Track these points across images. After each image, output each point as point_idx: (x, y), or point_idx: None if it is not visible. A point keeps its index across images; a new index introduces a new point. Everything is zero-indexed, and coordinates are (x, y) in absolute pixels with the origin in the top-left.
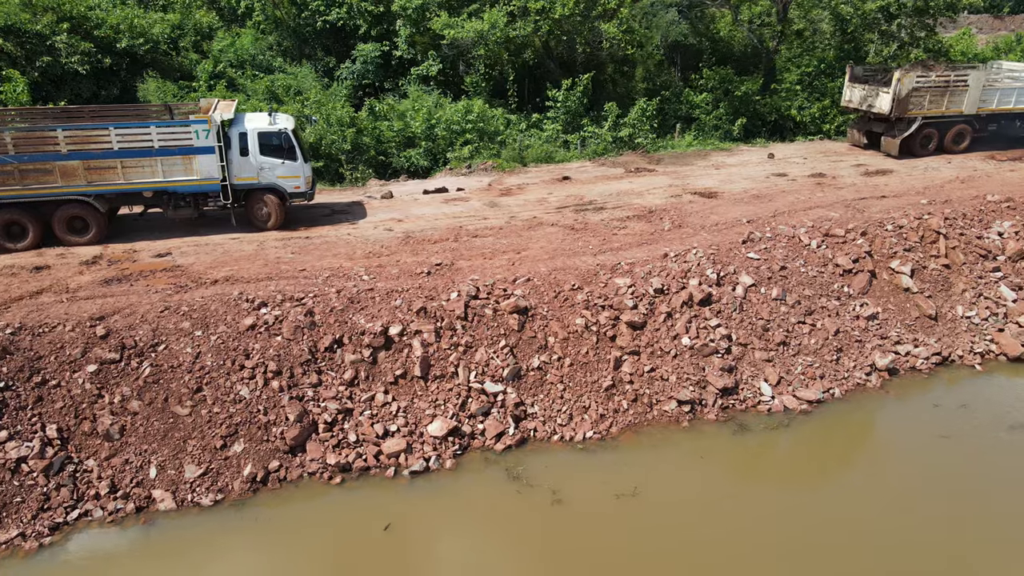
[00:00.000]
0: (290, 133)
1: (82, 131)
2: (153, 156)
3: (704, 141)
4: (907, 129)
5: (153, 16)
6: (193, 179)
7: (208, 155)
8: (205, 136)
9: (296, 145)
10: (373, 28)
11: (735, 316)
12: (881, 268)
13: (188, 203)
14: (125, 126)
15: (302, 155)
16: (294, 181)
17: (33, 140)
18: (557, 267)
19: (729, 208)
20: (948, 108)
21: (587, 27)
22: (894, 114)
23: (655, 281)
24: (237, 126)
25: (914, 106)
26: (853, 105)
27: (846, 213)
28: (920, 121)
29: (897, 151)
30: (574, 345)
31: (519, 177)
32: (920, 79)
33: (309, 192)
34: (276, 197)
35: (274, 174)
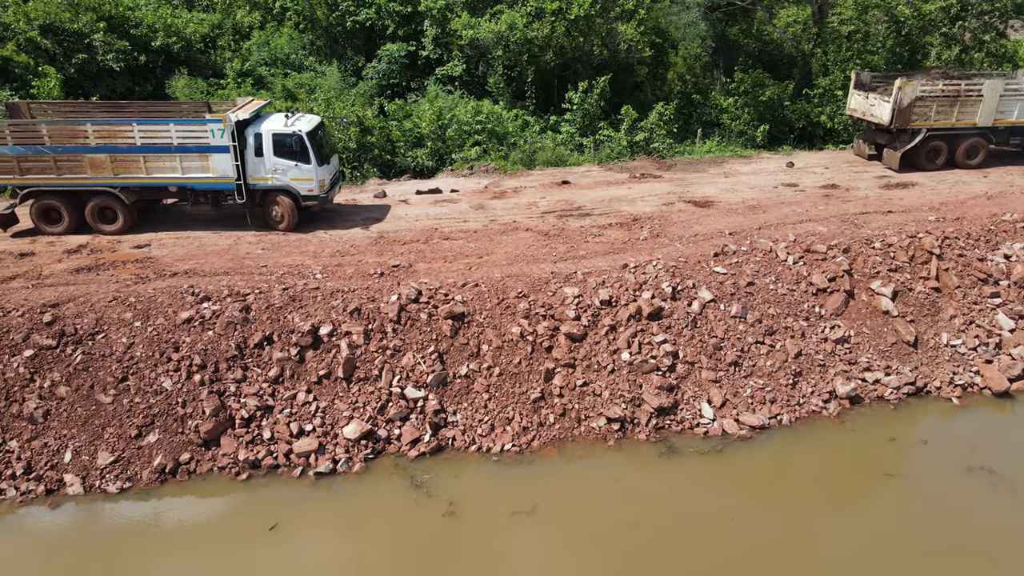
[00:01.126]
0: (304, 136)
1: (108, 126)
2: (172, 153)
3: (725, 147)
4: (910, 141)
5: (186, 15)
6: (209, 176)
7: (223, 154)
8: (220, 135)
9: (310, 148)
10: (401, 28)
11: (685, 332)
12: (860, 288)
13: (207, 200)
14: (146, 122)
15: (317, 158)
16: (307, 184)
17: (66, 133)
18: (511, 273)
19: (718, 218)
20: (959, 120)
21: (605, 28)
22: (895, 125)
23: (604, 292)
24: (254, 126)
25: (918, 117)
26: (856, 114)
27: (838, 228)
28: (925, 133)
29: (897, 164)
30: (507, 354)
31: (519, 180)
32: (925, 88)
33: (323, 196)
34: (289, 199)
35: (287, 176)
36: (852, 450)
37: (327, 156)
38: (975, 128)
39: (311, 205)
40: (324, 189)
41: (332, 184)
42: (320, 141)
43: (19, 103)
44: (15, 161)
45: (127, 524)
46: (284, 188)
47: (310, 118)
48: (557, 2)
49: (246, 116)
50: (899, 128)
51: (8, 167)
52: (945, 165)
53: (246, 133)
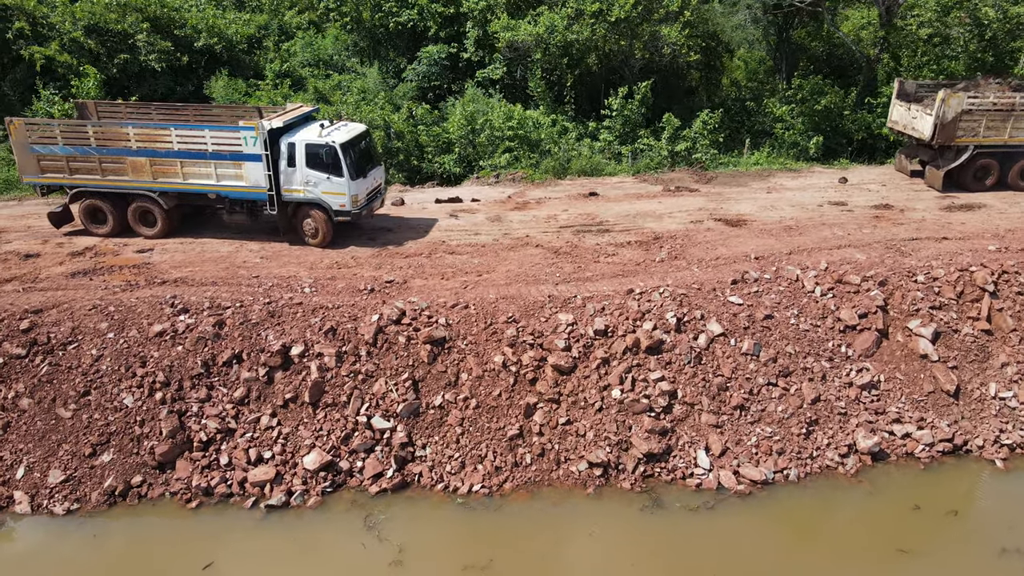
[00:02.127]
0: (337, 147)
1: (148, 130)
2: (207, 159)
3: (775, 159)
4: (955, 159)
5: (231, 16)
6: (242, 185)
7: (256, 162)
8: (253, 143)
9: (343, 161)
10: (443, 29)
11: (687, 370)
12: (896, 327)
13: (242, 209)
14: (183, 127)
15: (351, 171)
16: (339, 199)
17: (110, 135)
18: (507, 295)
19: (747, 240)
20: (1013, 136)
21: (647, 31)
22: (937, 141)
23: (600, 321)
24: (289, 135)
25: (965, 132)
26: (898, 127)
27: (879, 256)
28: (972, 150)
29: (940, 184)
30: (487, 385)
31: (545, 190)
32: (973, 100)
33: (356, 211)
34: (324, 213)
35: (319, 189)
36: (866, 516)
37: (366, 169)
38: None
39: (344, 220)
40: (358, 204)
41: (371, 198)
42: (359, 153)
43: (87, 103)
44: (65, 161)
45: (55, 551)
46: (316, 202)
47: (351, 128)
48: (597, 3)
49: (280, 124)
50: (942, 144)
51: (59, 166)
52: (996, 186)
53: (280, 141)
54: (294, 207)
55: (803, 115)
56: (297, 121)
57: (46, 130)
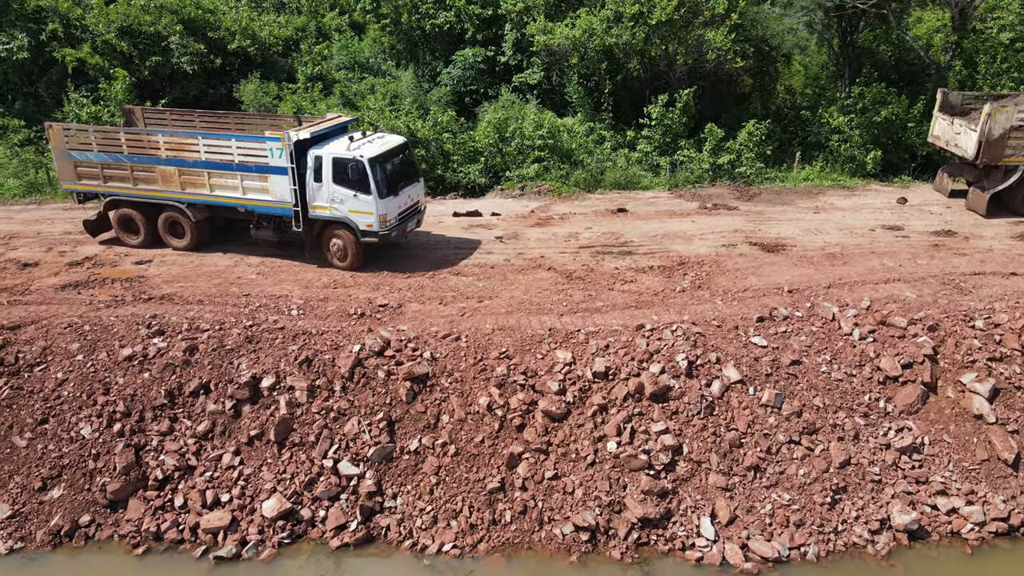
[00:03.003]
0: (366, 162)
1: (177, 138)
2: (234, 171)
3: (828, 175)
4: (1002, 181)
5: (265, 18)
6: (268, 200)
7: (282, 176)
8: (279, 155)
9: (371, 177)
10: (480, 32)
11: (695, 422)
12: (946, 381)
13: (269, 224)
14: (210, 136)
15: (380, 189)
16: (365, 218)
17: (141, 143)
18: (505, 325)
19: (782, 269)
20: None
21: (692, 35)
22: (982, 160)
23: (600, 361)
24: (317, 147)
25: (1015, 150)
26: (940, 143)
27: (933, 294)
28: (1022, 172)
29: (984, 209)
30: (469, 430)
31: (571, 205)
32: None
33: (384, 232)
34: (352, 233)
35: (345, 207)
36: None
37: (399, 186)
38: None
39: (370, 242)
40: (387, 224)
41: (405, 218)
42: (392, 168)
43: (133, 109)
44: (100, 168)
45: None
46: (343, 220)
47: (385, 141)
48: (637, 5)
49: (307, 135)
50: (987, 164)
51: (93, 173)
52: None
53: (308, 154)
54: (321, 225)
55: (861, 127)
56: (331, 132)
57: (82, 136)
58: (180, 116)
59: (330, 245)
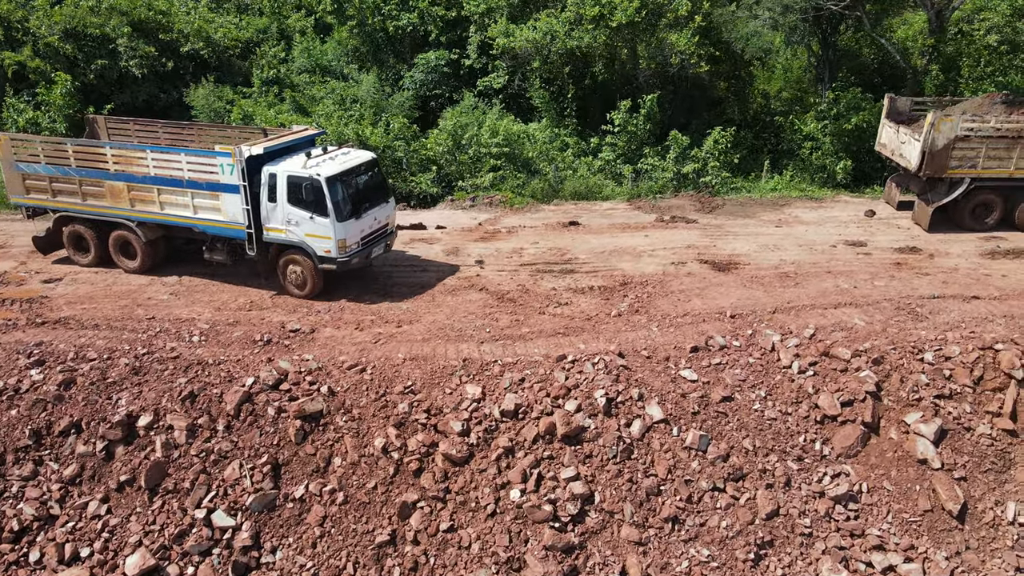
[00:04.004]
0: (323, 182)
1: (124, 151)
2: (184, 188)
3: (797, 185)
4: (947, 194)
5: (221, 20)
6: (220, 220)
7: (233, 194)
8: (230, 172)
9: (328, 198)
10: (444, 34)
11: (610, 467)
12: (890, 421)
13: (223, 247)
14: (159, 150)
15: (339, 211)
16: (323, 243)
17: (89, 155)
18: (419, 354)
19: (729, 290)
20: (1019, 168)
21: (655, 39)
22: (925, 172)
23: (512, 398)
24: (273, 164)
25: (960, 162)
26: (886, 152)
27: (884, 321)
28: (969, 183)
29: (927, 223)
30: (361, 475)
31: (522, 217)
32: (970, 124)
33: (344, 259)
34: (310, 259)
35: (302, 230)
36: None
37: (363, 208)
38: None
39: (329, 269)
40: (347, 250)
41: (369, 243)
42: (355, 188)
43: (96, 118)
44: (48, 181)
45: None
46: (299, 245)
47: (349, 157)
48: (597, 7)
49: (260, 150)
50: (931, 176)
51: (42, 187)
52: (998, 226)
53: (263, 171)
54: (277, 250)
55: (832, 134)
56: (294, 146)
57: (30, 146)
58: (144, 127)
59: (287, 271)
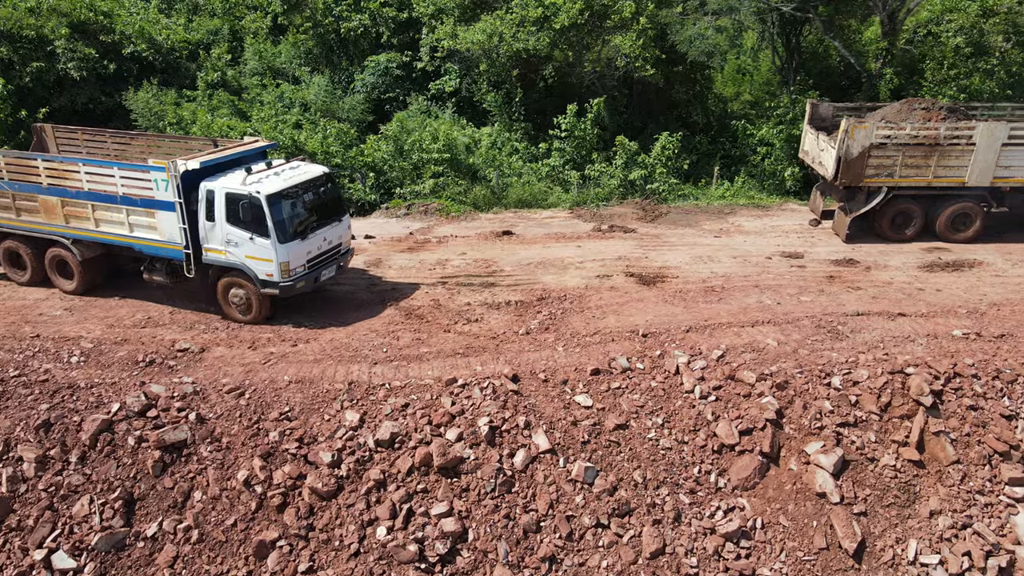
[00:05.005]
0: (263, 200)
1: (56, 164)
2: (119, 204)
3: (746, 192)
4: (866, 203)
5: (165, 21)
6: (157, 239)
7: (169, 212)
8: (164, 188)
9: (269, 217)
10: (396, 36)
11: (487, 502)
12: (790, 451)
13: (162, 267)
14: (92, 163)
15: (281, 232)
16: (264, 266)
17: (22, 168)
18: (306, 376)
19: (649, 307)
20: (937, 176)
21: (600, 41)
22: (841, 180)
23: (389, 425)
24: (211, 180)
25: (877, 171)
26: (808, 160)
27: (800, 340)
28: (886, 193)
29: (844, 233)
30: (221, 510)
31: (457, 226)
32: (885, 132)
33: (287, 284)
34: (253, 282)
35: (242, 252)
36: None
37: (309, 228)
38: (964, 188)
39: (271, 294)
40: (291, 274)
41: (319, 265)
42: (302, 206)
43: (44, 127)
44: None
45: None
46: (240, 267)
47: (296, 172)
48: (541, 9)
49: (197, 165)
50: (848, 185)
51: None
52: (920, 235)
53: (201, 187)
54: (217, 272)
55: (783, 139)
56: (240, 159)
57: None
58: (92, 137)
59: (229, 295)
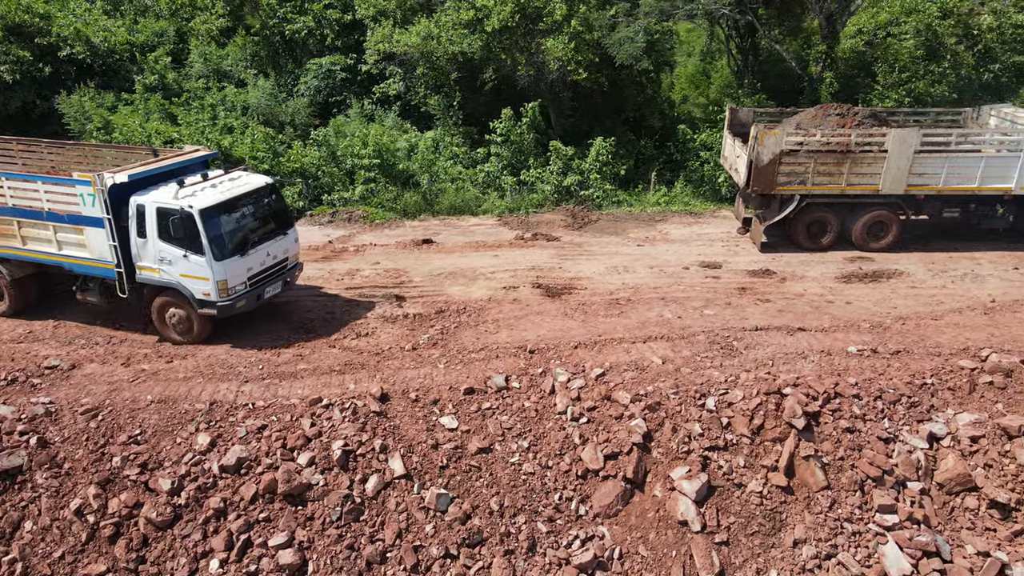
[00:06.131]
0: (195, 214)
1: None
2: (45, 220)
3: (683, 198)
4: (780, 211)
5: (103, 23)
6: (87, 257)
7: (98, 228)
8: (91, 203)
9: (203, 233)
10: (340, 39)
11: (332, 531)
12: (656, 476)
13: (95, 286)
14: (14, 177)
15: (217, 248)
16: (200, 284)
17: None
18: (171, 395)
19: (547, 320)
20: (851, 184)
21: (533, 44)
22: (753, 188)
23: (237, 450)
24: (142, 193)
25: (789, 178)
26: (727, 166)
27: (690, 357)
28: (799, 201)
29: (760, 242)
30: (51, 541)
31: (379, 234)
32: (795, 137)
33: (226, 303)
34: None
35: (176, 270)
36: None
37: (251, 243)
38: (879, 196)
39: (209, 314)
40: (230, 293)
41: (262, 282)
42: (240, 220)
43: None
44: None
45: None
46: (175, 287)
47: (235, 184)
48: (473, 11)
49: (125, 178)
50: (760, 193)
51: None
52: (835, 244)
53: (131, 201)
54: (153, 291)
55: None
56: (178, 170)
57: None
58: (27, 147)
59: (166, 316)
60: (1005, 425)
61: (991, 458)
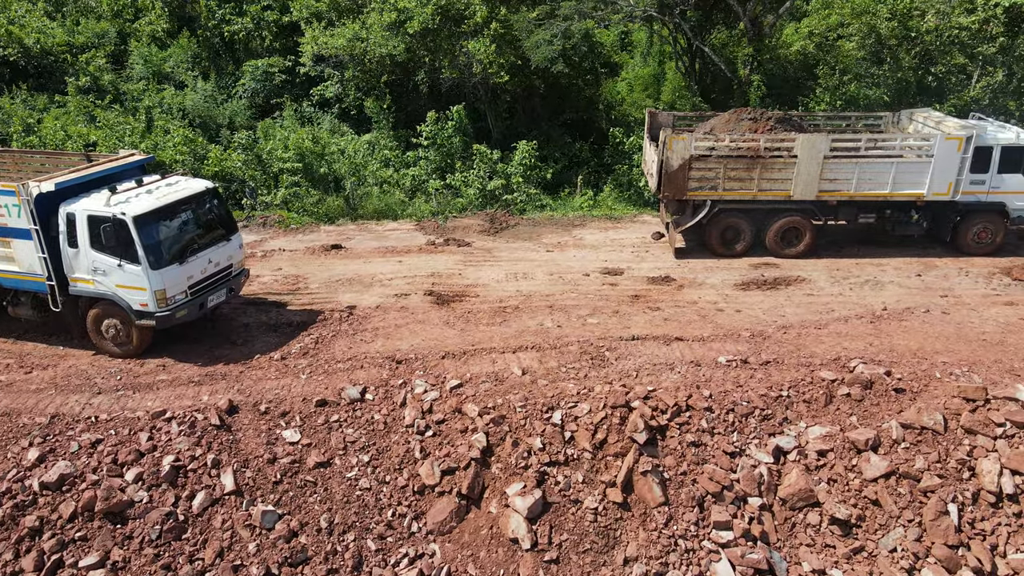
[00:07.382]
0: (129, 221)
1: None
2: None
3: (605, 204)
4: (692, 217)
5: (37, 23)
6: (15, 271)
7: (26, 240)
8: (17, 213)
9: (138, 241)
10: (278, 40)
11: (148, 550)
12: (494, 492)
13: (27, 300)
14: None
15: (154, 257)
16: (137, 295)
17: None
18: (17, 408)
19: (426, 329)
20: (763, 190)
21: (456, 46)
22: (664, 193)
23: (61, 467)
24: (71, 202)
25: (700, 184)
26: (646, 170)
27: (554, 368)
28: (711, 207)
29: (675, 248)
30: None
31: (291, 239)
32: (705, 142)
33: (165, 314)
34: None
35: (111, 280)
36: None
37: (191, 250)
38: (791, 201)
39: (147, 325)
40: (167, 303)
41: (205, 290)
42: (178, 227)
43: None
44: None
45: None
46: (111, 297)
47: (171, 189)
48: (395, 13)
49: (52, 187)
50: (671, 199)
51: None
52: (750, 250)
53: (60, 210)
54: (87, 303)
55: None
56: (111, 176)
57: None
58: None
59: (103, 328)
60: (854, 439)
61: (836, 472)
